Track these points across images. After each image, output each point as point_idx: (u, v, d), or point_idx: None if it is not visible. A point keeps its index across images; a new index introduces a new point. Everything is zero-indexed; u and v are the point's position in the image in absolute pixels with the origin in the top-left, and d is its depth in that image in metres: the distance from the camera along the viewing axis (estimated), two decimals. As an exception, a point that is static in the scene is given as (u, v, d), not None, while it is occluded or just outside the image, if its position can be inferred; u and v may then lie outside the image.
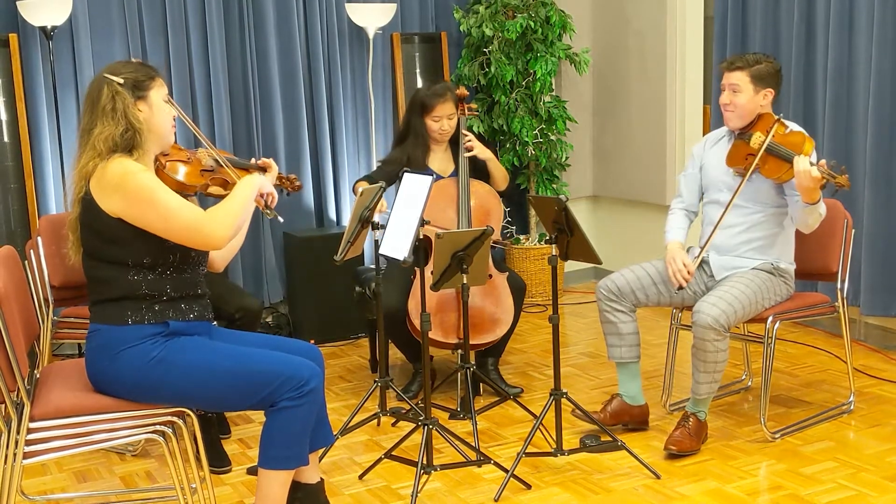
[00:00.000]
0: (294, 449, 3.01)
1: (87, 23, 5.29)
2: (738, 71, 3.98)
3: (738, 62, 4.01)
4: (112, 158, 2.95)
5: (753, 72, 3.96)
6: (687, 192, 4.24)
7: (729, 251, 4.04)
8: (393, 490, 3.67)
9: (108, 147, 2.96)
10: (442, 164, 4.75)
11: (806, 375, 4.78)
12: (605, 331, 4.14)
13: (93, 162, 2.95)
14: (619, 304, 4.07)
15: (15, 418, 2.93)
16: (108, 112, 2.98)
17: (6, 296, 2.92)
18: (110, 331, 3.00)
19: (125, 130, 2.97)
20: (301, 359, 3.05)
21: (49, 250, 4.18)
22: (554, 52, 6.14)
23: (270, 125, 5.80)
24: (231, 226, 3.01)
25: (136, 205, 2.92)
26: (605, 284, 4.11)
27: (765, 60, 4.00)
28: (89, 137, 2.99)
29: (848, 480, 3.59)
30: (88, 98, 3.05)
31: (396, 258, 3.58)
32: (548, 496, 3.57)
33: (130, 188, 2.91)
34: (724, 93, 4.04)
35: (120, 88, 3.00)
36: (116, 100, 2.99)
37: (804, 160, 3.69)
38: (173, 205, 2.93)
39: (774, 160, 3.85)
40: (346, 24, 5.97)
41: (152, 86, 3.07)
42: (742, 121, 4.02)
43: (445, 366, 5.08)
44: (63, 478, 3.89)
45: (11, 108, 5.15)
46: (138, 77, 3.04)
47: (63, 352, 5.28)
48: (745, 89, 3.97)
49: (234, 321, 4.01)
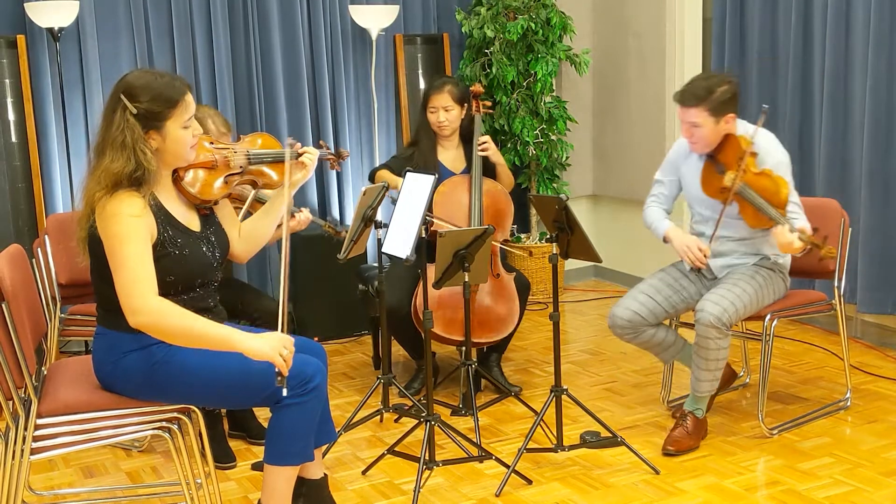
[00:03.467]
0: (299, 445, 3.03)
1: (93, 24, 5.34)
2: (694, 108, 3.78)
3: (690, 100, 3.78)
4: (115, 194, 2.86)
5: (710, 105, 3.77)
6: (664, 199, 4.17)
7: (726, 255, 4.04)
8: (396, 485, 3.70)
9: (114, 182, 2.87)
10: (453, 160, 4.78)
11: (803, 372, 4.81)
12: (642, 348, 4.15)
13: (98, 193, 2.87)
14: (635, 332, 4.03)
15: (23, 415, 2.95)
16: (119, 145, 2.87)
17: (14, 294, 2.95)
18: (116, 336, 3.00)
19: (134, 170, 2.86)
20: (305, 356, 3.05)
21: (56, 249, 4.21)
22: (554, 53, 6.18)
23: (274, 125, 5.83)
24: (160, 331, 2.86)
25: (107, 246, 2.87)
26: (615, 322, 4.02)
27: (718, 88, 3.78)
28: (99, 162, 2.91)
29: (844, 476, 3.61)
30: (105, 111, 2.95)
31: (399, 257, 3.61)
32: (548, 491, 3.60)
33: (109, 230, 2.85)
34: (683, 126, 3.88)
35: (131, 119, 2.88)
36: (126, 133, 2.87)
37: (784, 233, 3.60)
38: (128, 262, 2.83)
39: (753, 210, 3.74)
40: (349, 26, 6.01)
41: (171, 115, 2.91)
42: (707, 148, 3.91)
43: (448, 363, 5.12)
44: (70, 473, 3.91)
45: (19, 109, 5.20)
46: (153, 108, 2.89)
47: (70, 349, 5.31)
48: (705, 123, 3.80)
49: (255, 321, 4.07)
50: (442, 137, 4.76)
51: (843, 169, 5.18)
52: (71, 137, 5.28)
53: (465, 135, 4.79)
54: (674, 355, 4.15)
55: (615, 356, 5.15)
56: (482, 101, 4.78)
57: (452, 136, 4.77)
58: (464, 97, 4.72)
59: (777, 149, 3.95)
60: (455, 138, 4.79)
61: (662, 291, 4.06)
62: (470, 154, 4.72)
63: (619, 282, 6.79)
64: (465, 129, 4.78)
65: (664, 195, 4.19)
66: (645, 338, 4.05)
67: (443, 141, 4.77)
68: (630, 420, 4.27)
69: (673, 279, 4.11)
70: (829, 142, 5.19)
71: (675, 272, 4.14)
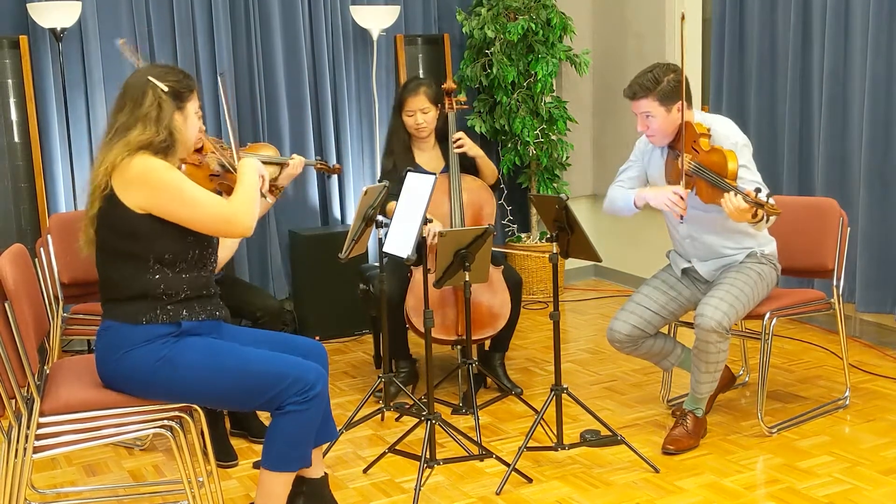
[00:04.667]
0: (297, 451, 3.04)
1: (95, 25, 5.36)
2: (643, 99, 3.86)
3: (639, 91, 3.87)
4: (136, 155, 2.95)
5: (658, 95, 3.83)
6: (629, 181, 4.15)
7: (709, 255, 4.04)
8: (397, 484, 3.71)
9: (141, 147, 2.96)
10: (431, 161, 4.75)
11: (802, 371, 4.83)
12: (642, 359, 4.17)
13: (121, 156, 2.94)
14: (634, 345, 4.05)
15: (25, 413, 2.97)
16: (153, 119, 2.99)
17: (17, 293, 2.97)
18: (121, 329, 3.01)
19: (165, 139, 2.99)
20: (308, 362, 3.07)
21: (59, 248, 4.22)
22: (555, 53, 6.19)
23: (276, 125, 5.85)
24: (252, 212, 3.06)
25: (164, 198, 2.94)
26: (614, 337, 4.03)
27: (664, 76, 3.85)
28: (125, 135, 2.98)
29: (843, 474, 3.63)
30: (129, 98, 3.03)
31: (400, 256, 3.61)
32: (548, 489, 3.61)
33: (157, 182, 2.93)
34: (638, 120, 3.93)
35: (164, 96, 3.01)
36: (163, 107, 3.00)
37: (729, 199, 3.59)
38: (200, 197, 2.97)
39: (707, 186, 3.76)
40: (350, 26, 6.02)
41: (190, 98, 3.09)
42: (665, 139, 3.94)
43: (448, 362, 5.13)
44: (72, 471, 3.93)
45: (22, 109, 5.21)
46: (180, 88, 3.05)
47: (72, 348, 5.32)
48: (657, 112, 3.85)
49: (257, 320, 4.09)
50: (419, 140, 4.72)
51: (842, 168, 5.19)
52: (73, 137, 5.29)
53: (440, 134, 4.76)
54: (673, 362, 4.17)
55: (615, 355, 5.16)
56: (456, 97, 4.69)
57: (429, 137, 4.74)
58: (438, 97, 4.67)
59: (734, 132, 3.94)
60: (431, 139, 4.76)
61: (658, 300, 4.06)
62: (447, 153, 4.69)
63: (618, 281, 6.81)
64: (441, 129, 4.74)
65: (629, 177, 4.16)
66: (644, 349, 4.07)
67: (419, 143, 4.74)
68: (630, 419, 4.28)
69: (668, 286, 4.12)
70: (828, 141, 5.21)
71: (668, 278, 4.15)
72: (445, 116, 4.69)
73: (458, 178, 4.63)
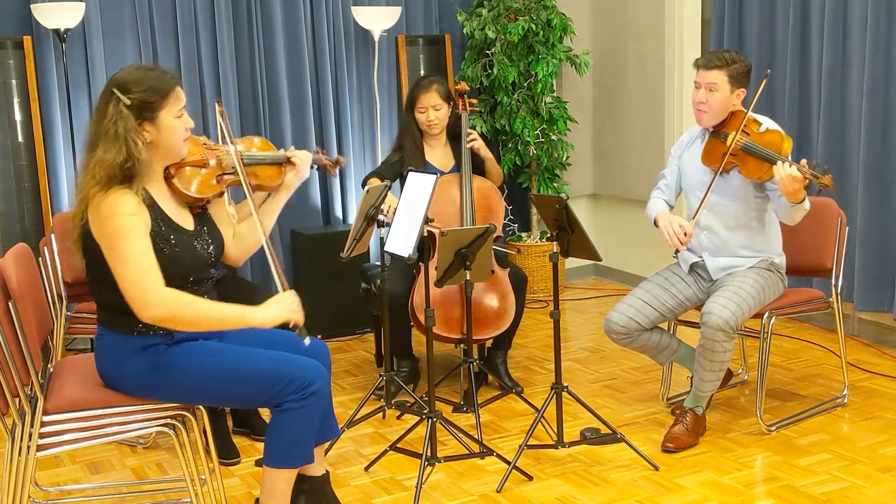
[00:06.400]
0: (298, 449, 3.04)
1: (99, 25, 5.38)
2: (717, 70, 3.92)
3: (715, 61, 3.94)
4: (110, 191, 2.84)
5: (731, 71, 3.92)
6: (667, 189, 4.21)
7: (721, 252, 4.05)
8: (398, 481, 3.73)
9: (107, 176, 2.84)
10: (442, 159, 4.79)
11: (801, 370, 4.84)
12: (638, 352, 4.19)
13: (93, 190, 2.85)
14: (630, 337, 4.06)
15: (29, 412, 2.98)
16: (111, 136, 2.86)
17: (20, 292, 2.99)
18: (116, 338, 3.00)
19: (125, 160, 2.84)
20: (307, 359, 3.06)
21: (62, 247, 4.25)
22: (555, 54, 6.21)
23: (278, 125, 5.87)
24: (175, 321, 2.88)
25: (105, 246, 2.87)
26: (611, 328, 4.05)
27: (739, 60, 3.95)
28: (92, 156, 2.88)
29: (842, 472, 3.65)
30: (97, 108, 2.93)
31: (401, 255, 3.63)
32: (549, 487, 3.63)
33: (107, 230, 2.85)
34: (699, 90, 3.97)
35: (124, 111, 2.86)
36: (119, 124, 2.85)
37: (784, 166, 3.67)
38: (133, 258, 2.84)
39: (754, 160, 3.82)
40: (351, 27, 6.04)
41: (163, 105, 2.91)
42: (715, 119, 3.98)
43: (449, 360, 5.15)
44: (76, 469, 3.94)
45: (25, 109, 5.24)
46: (147, 98, 2.88)
47: (76, 346, 5.34)
48: (723, 88, 3.92)
49: None
50: (430, 137, 4.76)
51: (840, 168, 5.21)
52: (77, 137, 5.31)
53: (452, 133, 4.80)
54: (669, 357, 4.18)
55: (615, 353, 5.19)
56: (468, 98, 4.75)
57: (440, 135, 4.78)
58: (449, 94, 4.73)
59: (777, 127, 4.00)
60: (442, 137, 4.80)
61: (658, 295, 4.08)
62: (458, 152, 4.72)
63: (618, 280, 6.82)
64: (452, 128, 4.79)
65: (667, 185, 4.22)
66: (640, 342, 4.08)
67: (430, 140, 4.78)
68: (630, 417, 4.30)
69: (669, 283, 4.13)
70: (827, 141, 5.22)
71: (671, 275, 4.17)
72: (458, 116, 4.74)
73: (470, 176, 4.67)
